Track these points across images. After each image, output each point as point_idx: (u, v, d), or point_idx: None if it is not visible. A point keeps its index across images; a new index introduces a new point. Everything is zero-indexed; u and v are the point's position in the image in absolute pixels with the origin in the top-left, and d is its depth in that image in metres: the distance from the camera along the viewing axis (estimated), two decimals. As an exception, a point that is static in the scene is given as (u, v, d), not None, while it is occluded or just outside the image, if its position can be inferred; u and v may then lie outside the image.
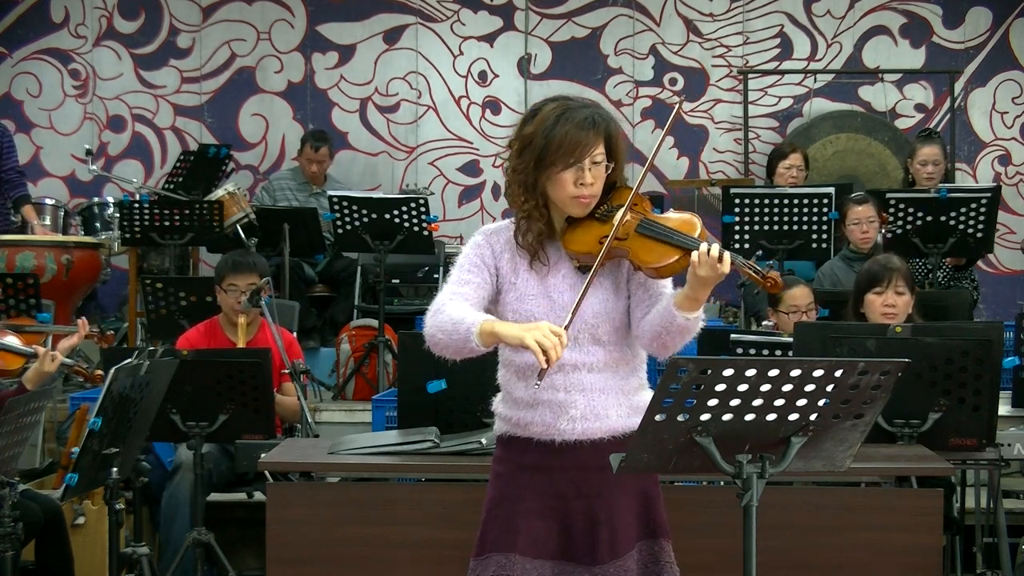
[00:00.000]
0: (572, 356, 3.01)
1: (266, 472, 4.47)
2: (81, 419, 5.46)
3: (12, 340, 5.04)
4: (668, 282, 3.11)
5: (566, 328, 2.89)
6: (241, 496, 5.79)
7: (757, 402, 2.74)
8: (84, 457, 4.15)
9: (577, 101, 3.07)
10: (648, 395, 3.11)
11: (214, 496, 5.52)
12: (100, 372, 4.90)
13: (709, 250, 2.91)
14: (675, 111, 3.19)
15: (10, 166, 7.82)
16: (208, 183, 8.16)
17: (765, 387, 2.72)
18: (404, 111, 9.16)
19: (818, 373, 2.72)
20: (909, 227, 6.50)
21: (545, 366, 2.82)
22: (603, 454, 2.97)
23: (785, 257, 6.77)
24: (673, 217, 3.09)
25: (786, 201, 6.69)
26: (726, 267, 2.91)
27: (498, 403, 3.18)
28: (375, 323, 7.08)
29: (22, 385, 4.78)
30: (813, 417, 2.80)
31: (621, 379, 3.09)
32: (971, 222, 6.50)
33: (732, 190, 6.89)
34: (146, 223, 7.27)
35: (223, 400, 4.94)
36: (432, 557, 3.94)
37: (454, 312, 2.97)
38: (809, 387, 2.74)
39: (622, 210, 3.04)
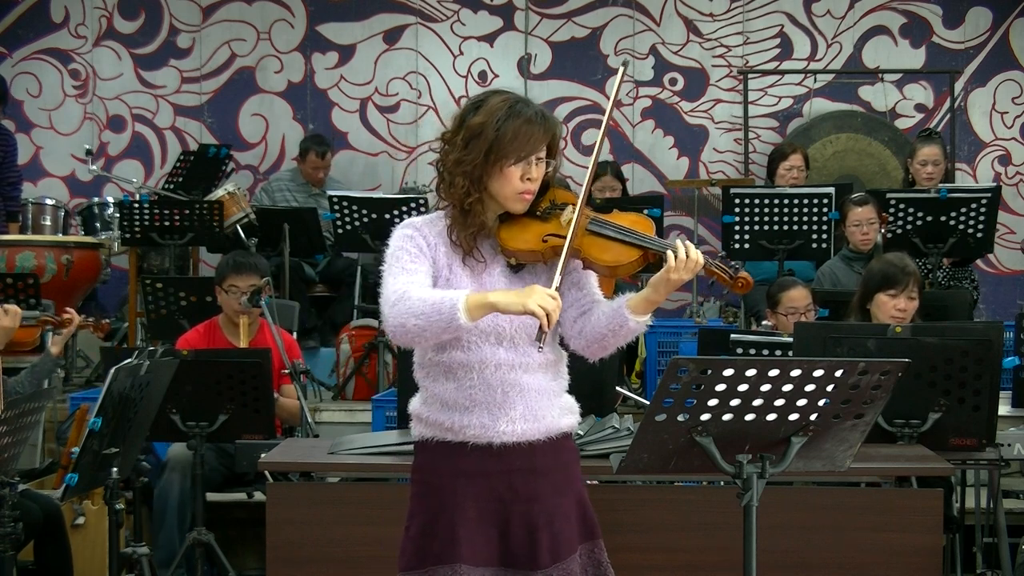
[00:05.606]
0: (509, 356, 2.95)
1: (266, 472, 4.47)
2: (81, 419, 5.46)
3: None
4: (596, 283, 3.07)
5: (557, 289, 2.84)
6: (241, 496, 5.79)
7: (757, 402, 2.75)
8: (84, 457, 4.15)
9: (519, 95, 3.02)
10: (569, 397, 3.09)
11: (214, 496, 5.51)
12: (67, 315, 5.16)
13: (688, 253, 2.89)
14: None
15: (11, 181, 7.81)
16: (208, 183, 8.15)
17: (765, 387, 2.72)
18: (404, 111, 9.15)
19: (818, 373, 2.72)
20: (909, 227, 6.51)
21: (548, 328, 2.77)
22: (539, 456, 2.97)
23: (785, 257, 6.77)
24: (624, 216, 3.04)
25: (786, 201, 6.70)
26: (699, 268, 2.91)
27: (419, 406, 3.04)
28: (375, 323, 7.06)
29: None
30: (813, 417, 2.81)
31: (551, 379, 3.02)
32: (971, 222, 6.51)
33: (732, 190, 6.90)
34: (146, 223, 7.27)
35: (223, 400, 4.94)
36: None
37: (424, 295, 2.84)
38: (809, 387, 2.74)
39: (571, 208, 2.98)
